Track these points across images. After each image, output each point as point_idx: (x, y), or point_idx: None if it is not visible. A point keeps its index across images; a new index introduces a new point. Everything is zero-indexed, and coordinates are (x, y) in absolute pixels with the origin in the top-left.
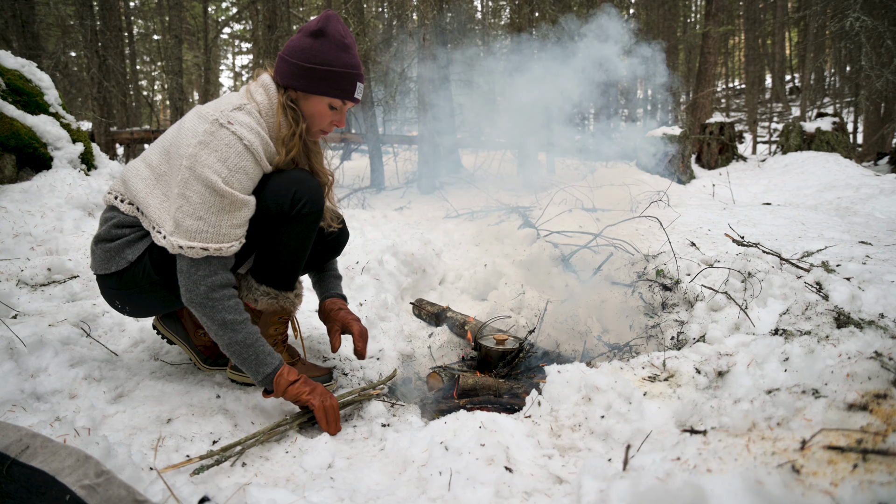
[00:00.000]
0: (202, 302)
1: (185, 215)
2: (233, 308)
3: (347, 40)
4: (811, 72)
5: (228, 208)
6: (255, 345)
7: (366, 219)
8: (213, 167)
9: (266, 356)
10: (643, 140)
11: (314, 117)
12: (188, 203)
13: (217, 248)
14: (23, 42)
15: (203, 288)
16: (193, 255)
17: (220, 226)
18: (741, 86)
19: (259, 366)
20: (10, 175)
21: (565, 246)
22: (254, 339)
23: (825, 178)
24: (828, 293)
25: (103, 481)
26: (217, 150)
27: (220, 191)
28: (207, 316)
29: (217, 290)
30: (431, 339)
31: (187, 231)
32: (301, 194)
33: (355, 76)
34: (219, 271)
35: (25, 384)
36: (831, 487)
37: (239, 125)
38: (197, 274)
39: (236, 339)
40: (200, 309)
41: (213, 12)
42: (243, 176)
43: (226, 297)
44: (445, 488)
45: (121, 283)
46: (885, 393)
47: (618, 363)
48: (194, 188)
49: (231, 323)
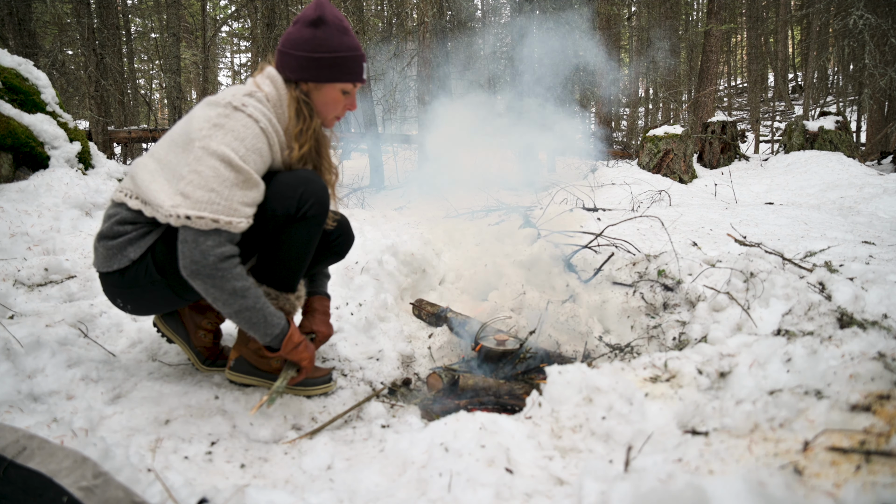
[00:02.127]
0: (211, 273)
1: (196, 187)
2: (241, 275)
3: (345, 23)
4: (814, 70)
5: (242, 184)
6: (264, 308)
7: (365, 218)
8: (229, 144)
9: (273, 318)
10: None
11: (328, 105)
12: (200, 177)
13: (227, 220)
14: (19, 40)
15: (212, 258)
16: (202, 225)
17: (232, 199)
18: (743, 84)
19: (268, 327)
20: (7, 174)
21: (566, 246)
22: (262, 302)
23: (828, 178)
24: (831, 293)
25: (101, 483)
26: (234, 129)
27: (236, 165)
28: (216, 287)
29: (227, 261)
30: (431, 340)
31: (197, 202)
32: (308, 195)
33: (360, 57)
34: (227, 243)
35: (22, 385)
36: (834, 489)
37: (253, 108)
38: (206, 244)
39: (247, 304)
40: (209, 280)
41: (212, 10)
42: (258, 157)
43: (234, 265)
44: (445, 490)
45: (123, 280)
46: (888, 394)
47: (619, 364)
48: (207, 163)
49: (241, 290)
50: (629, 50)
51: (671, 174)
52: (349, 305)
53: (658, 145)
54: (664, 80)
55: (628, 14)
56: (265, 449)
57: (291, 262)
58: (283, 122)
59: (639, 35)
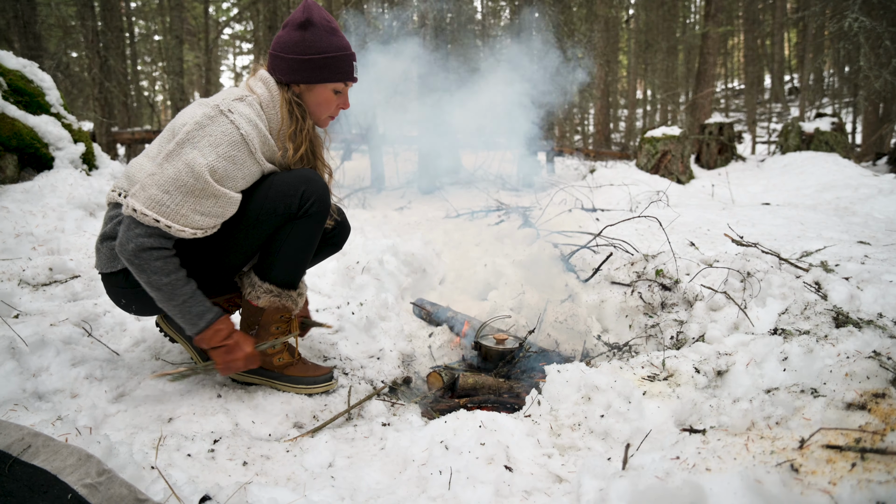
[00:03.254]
0: (130, 259)
1: (154, 183)
2: (160, 269)
3: (333, 24)
4: (810, 72)
5: (199, 193)
6: (183, 305)
7: (366, 218)
8: (202, 150)
9: (195, 316)
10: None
11: (321, 105)
12: (162, 173)
13: (167, 224)
14: (24, 42)
15: (132, 246)
16: (143, 220)
17: (182, 205)
18: (740, 86)
19: (187, 323)
20: (12, 175)
21: (565, 246)
22: (184, 298)
23: (824, 179)
24: (826, 293)
25: (105, 480)
26: (211, 134)
27: (199, 174)
28: (137, 274)
29: (146, 252)
30: (431, 339)
31: (148, 198)
32: (310, 193)
33: (350, 56)
34: (154, 237)
35: (27, 383)
36: (830, 486)
37: (239, 115)
38: (133, 231)
39: (161, 297)
40: (130, 266)
41: (214, 13)
42: (231, 165)
43: (154, 257)
44: (445, 487)
45: (127, 281)
46: (883, 392)
47: (617, 363)
48: (174, 163)
49: (156, 283)
50: (628, 52)
51: (669, 175)
52: (350, 305)
53: (656, 146)
54: (662, 81)
55: (626, 17)
56: (267, 447)
57: (294, 259)
58: (275, 123)
59: (636, 37)
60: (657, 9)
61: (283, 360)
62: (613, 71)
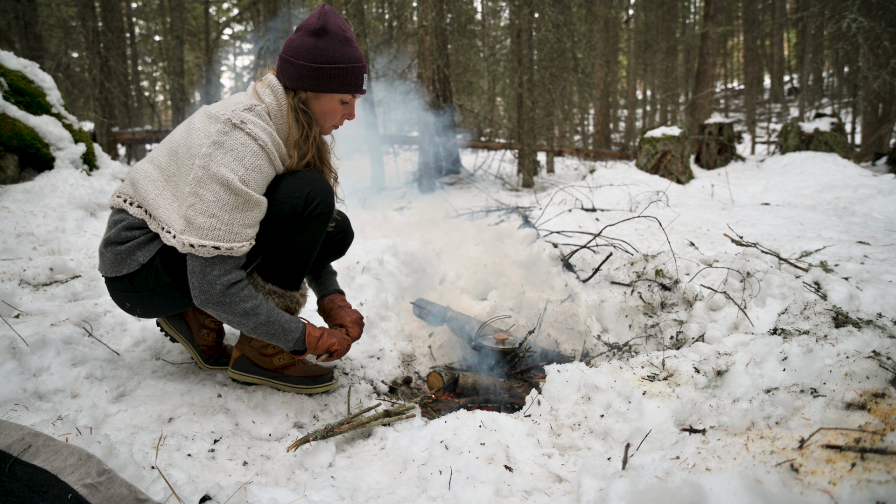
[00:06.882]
0: (219, 301)
1: (198, 213)
2: (249, 296)
3: (348, 34)
4: (809, 72)
5: (242, 207)
6: (279, 319)
7: (366, 219)
8: (229, 166)
9: (290, 324)
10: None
11: (327, 115)
12: (201, 201)
13: (228, 247)
14: (25, 43)
15: (219, 287)
16: (204, 253)
17: (232, 224)
18: (740, 86)
19: (287, 334)
20: (13, 175)
21: (565, 246)
22: (275, 314)
23: (823, 179)
24: (826, 293)
25: (105, 480)
26: (233, 149)
27: (236, 189)
28: (228, 312)
29: (233, 287)
30: (432, 339)
31: (199, 228)
32: (314, 195)
33: (361, 69)
34: (232, 270)
35: (28, 383)
36: (830, 486)
37: (252, 125)
38: (211, 274)
39: (260, 321)
40: (219, 307)
41: (215, 13)
42: (258, 175)
43: (240, 289)
44: (446, 487)
45: (132, 285)
46: (883, 392)
47: (617, 362)
48: (209, 187)
49: (252, 310)
50: (627, 52)
51: (669, 175)
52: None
53: (656, 147)
54: (661, 82)
55: (626, 17)
56: (267, 447)
57: (297, 260)
58: (283, 132)
59: (636, 37)
60: (657, 9)
61: (283, 360)
62: (613, 71)
